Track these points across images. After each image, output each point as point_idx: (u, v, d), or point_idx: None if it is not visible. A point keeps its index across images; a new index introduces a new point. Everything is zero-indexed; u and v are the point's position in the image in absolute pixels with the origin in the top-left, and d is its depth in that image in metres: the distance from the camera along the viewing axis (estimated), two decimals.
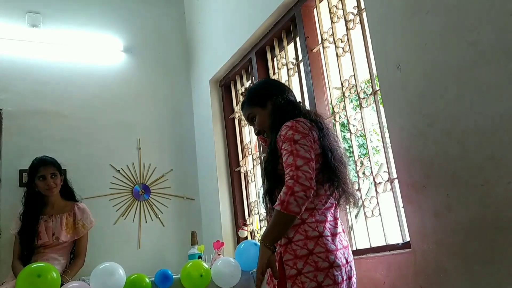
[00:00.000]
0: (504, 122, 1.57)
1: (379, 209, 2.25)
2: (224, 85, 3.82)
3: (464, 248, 1.68)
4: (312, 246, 1.59)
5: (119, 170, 3.69)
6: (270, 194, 1.71)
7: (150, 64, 4.08)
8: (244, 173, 3.58)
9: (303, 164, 1.57)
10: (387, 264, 2.03)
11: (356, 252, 2.29)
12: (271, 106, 1.86)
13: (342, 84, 2.53)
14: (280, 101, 1.84)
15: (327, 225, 1.66)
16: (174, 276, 2.61)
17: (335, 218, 1.73)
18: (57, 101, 3.61)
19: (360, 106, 2.39)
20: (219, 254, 2.97)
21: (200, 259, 2.87)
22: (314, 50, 2.77)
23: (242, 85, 3.65)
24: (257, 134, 1.92)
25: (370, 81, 2.37)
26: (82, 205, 3.15)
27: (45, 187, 2.96)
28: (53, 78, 3.64)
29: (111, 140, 3.73)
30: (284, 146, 1.64)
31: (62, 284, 2.35)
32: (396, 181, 2.17)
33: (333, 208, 1.74)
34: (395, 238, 2.18)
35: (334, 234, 1.66)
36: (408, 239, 2.03)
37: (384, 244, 2.19)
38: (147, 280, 2.52)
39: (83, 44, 3.83)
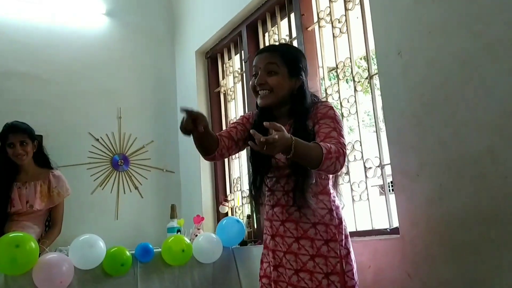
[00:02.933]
0: (505, 117, 1.58)
1: (367, 194, 2.26)
2: (211, 57, 3.72)
3: (454, 237, 1.71)
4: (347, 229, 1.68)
5: (98, 139, 3.59)
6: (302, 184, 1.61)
7: (133, 30, 3.92)
8: None
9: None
10: (373, 248, 2.06)
11: None
12: (297, 82, 1.70)
13: (337, 66, 2.50)
14: (306, 86, 1.74)
15: None
16: (154, 250, 2.57)
17: None
18: (35, 63, 3.44)
19: (355, 89, 2.37)
20: (199, 229, 2.95)
21: (179, 233, 2.84)
22: (309, 29, 2.72)
23: (230, 58, 3.57)
24: (258, 84, 1.69)
25: (366, 64, 2.34)
26: (57, 172, 3.04)
27: (14, 155, 2.84)
28: (32, 39, 3.46)
29: (91, 107, 3.60)
30: (324, 121, 1.61)
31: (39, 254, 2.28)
32: (386, 167, 2.18)
33: None
34: (381, 223, 2.20)
35: None
36: (395, 225, 2.05)
37: (371, 228, 2.22)
38: (128, 253, 2.47)
39: (65, 4, 3.64)
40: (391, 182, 2.03)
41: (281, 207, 1.69)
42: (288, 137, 1.36)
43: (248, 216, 3.08)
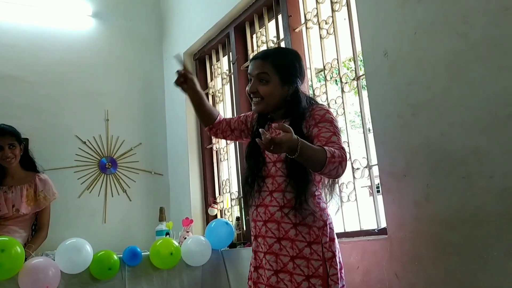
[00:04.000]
0: (490, 117, 1.59)
1: (356, 195, 2.26)
2: (199, 58, 3.71)
3: (441, 238, 1.72)
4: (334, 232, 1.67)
5: (85, 142, 3.55)
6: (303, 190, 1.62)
7: (120, 32, 3.89)
8: (217, 151, 3.53)
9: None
10: (362, 249, 2.06)
11: None
12: (291, 89, 1.72)
13: (324, 67, 2.50)
14: (301, 92, 1.74)
15: None
16: (142, 253, 2.55)
17: None
18: (21, 66, 3.40)
19: (342, 90, 2.37)
20: (187, 232, 2.93)
21: (168, 236, 2.82)
22: (297, 30, 2.72)
23: (218, 60, 3.56)
24: (252, 94, 1.74)
25: (354, 65, 2.34)
26: (44, 176, 3.01)
27: (3, 158, 2.80)
28: (18, 41, 3.42)
29: (78, 109, 3.57)
30: (323, 125, 1.61)
31: (25, 259, 2.25)
32: (373, 168, 2.18)
33: None
34: (369, 224, 2.20)
35: None
36: (383, 225, 2.06)
37: (359, 229, 2.22)
38: (115, 257, 2.45)
39: (51, 6, 3.60)
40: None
41: (264, 207, 1.69)
42: (295, 139, 1.39)
43: (237, 218, 3.07)
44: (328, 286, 1.57)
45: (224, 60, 3.49)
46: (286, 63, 1.74)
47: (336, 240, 1.66)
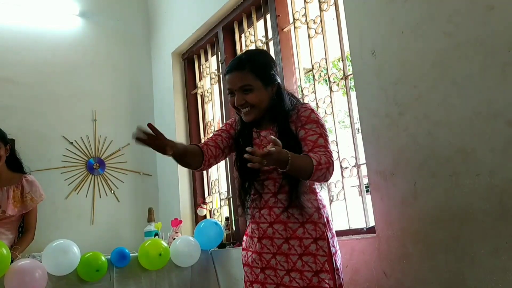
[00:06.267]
0: (475, 116, 1.61)
1: (344, 194, 2.27)
2: (187, 58, 3.69)
3: (429, 236, 1.73)
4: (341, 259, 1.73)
5: (72, 142, 3.52)
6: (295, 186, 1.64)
7: (108, 31, 3.87)
8: None
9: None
10: (350, 248, 2.07)
11: None
12: (273, 88, 1.72)
13: (312, 66, 2.51)
14: (283, 88, 1.75)
15: None
16: (131, 254, 2.53)
17: None
18: (6, 66, 3.36)
19: (330, 90, 2.38)
20: (176, 232, 2.92)
21: (157, 237, 2.80)
22: (285, 30, 2.72)
23: (206, 59, 3.55)
24: (240, 106, 1.70)
25: (342, 64, 2.35)
26: (30, 177, 2.97)
27: None
28: (2, 40, 3.38)
29: (65, 110, 3.54)
30: (310, 126, 1.63)
31: (11, 261, 2.22)
32: (362, 167, 2.19)
33: None
34: (358, 223, 2.21)
35: None
36: (371, 224, 2.07)
37: (348, 228, 2.23)
38: (103, 258, 2.42)
39: (36, 5, 3.57)
40: None
41: (268, 209, 1.69)
42: (285, 153, 1.43)
43: (227, 219, 3.06)
44: (335, 280, 1.62)
45: (213, 60, 3.48)
46: (262, 65, 1.72)
47: (336, 237, 1.71)
